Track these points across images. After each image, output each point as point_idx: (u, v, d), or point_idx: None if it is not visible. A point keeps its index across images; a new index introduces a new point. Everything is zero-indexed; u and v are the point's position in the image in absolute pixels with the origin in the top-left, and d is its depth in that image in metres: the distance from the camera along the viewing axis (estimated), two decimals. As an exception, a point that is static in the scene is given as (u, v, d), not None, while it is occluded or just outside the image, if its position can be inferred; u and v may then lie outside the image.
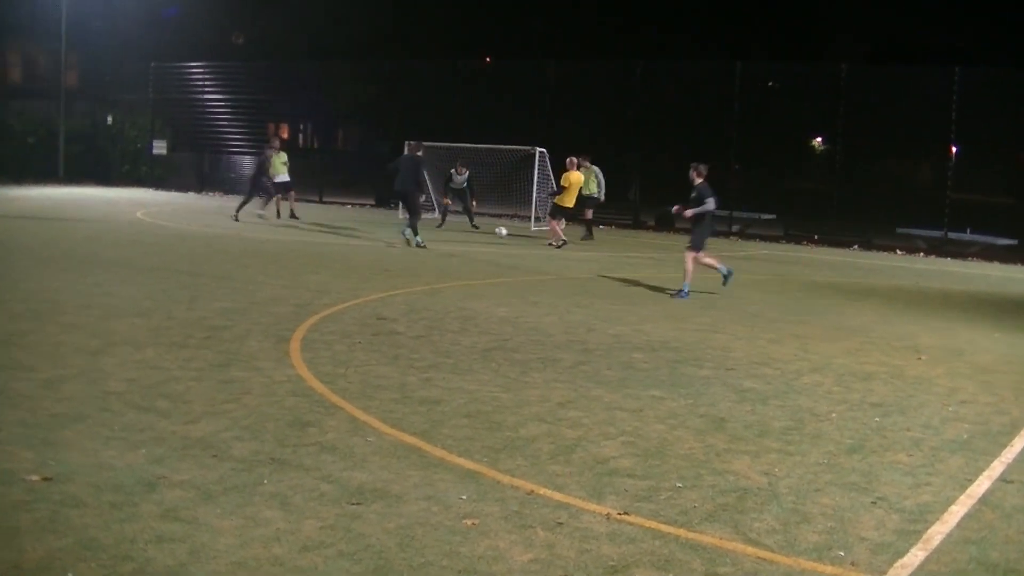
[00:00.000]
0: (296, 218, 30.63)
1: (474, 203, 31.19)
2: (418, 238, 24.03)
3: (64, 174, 44.50)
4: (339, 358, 11.00)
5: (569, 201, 26.38)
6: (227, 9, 56.12)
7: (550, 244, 26.36)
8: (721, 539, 6.25)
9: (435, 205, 34.38)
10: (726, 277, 18.22)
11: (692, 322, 14.86)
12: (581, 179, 26.52)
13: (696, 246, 17.80)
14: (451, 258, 22.11)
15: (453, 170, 30.81)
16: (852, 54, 45.55)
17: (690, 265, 17.65)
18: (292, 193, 30.99)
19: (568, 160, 26.71)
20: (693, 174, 17.65)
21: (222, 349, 11.16)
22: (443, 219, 30.94)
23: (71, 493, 6.43)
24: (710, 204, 17.48)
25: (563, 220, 26.81)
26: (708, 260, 18.13)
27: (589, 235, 29.24)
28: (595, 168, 29.02)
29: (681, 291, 17.51)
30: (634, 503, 6.80)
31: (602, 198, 29.64)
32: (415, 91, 41.32)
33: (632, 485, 7.17)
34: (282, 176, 30.37)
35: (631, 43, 48.27)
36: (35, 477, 6.67)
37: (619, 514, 6.56)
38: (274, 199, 30.45)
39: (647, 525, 6.41)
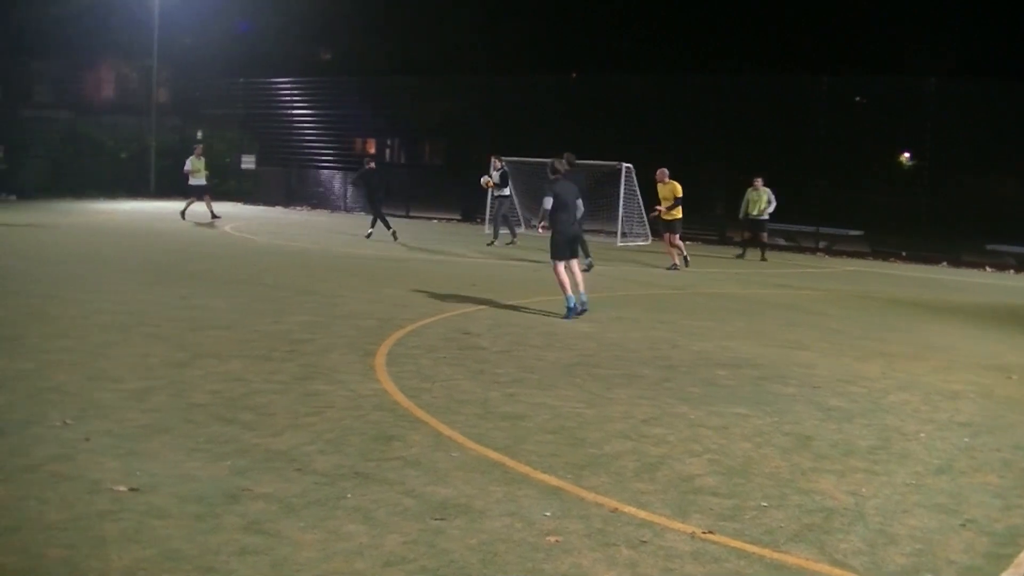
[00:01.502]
0: (217, 217, 32.90)
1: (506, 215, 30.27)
2: (589, 259, 22.98)
3: (155, 188, 45.08)
4: (423, 372, 11.03)
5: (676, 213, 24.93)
6: (314, 25, 56.65)
7: (674, 267, 24.94)
8: (807, 560, 6.18)
9: (520, 220, 34.43)
10: (569, 310, 15.57)
11: (776, 339, 14.73)
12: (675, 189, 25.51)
13: (551, 255, 15.92)
14: (536, 272, 22.08)
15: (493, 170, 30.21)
16: (939, 68, 44.96)
17: (560, 277, 15.75)
18: (207, 196, 33.19)
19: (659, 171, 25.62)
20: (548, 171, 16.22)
21: (306, 362, 11.24)
22: (513, 234, 30.54)
23: (156, 504, 6.51)
24: (545, 203, 15.88)
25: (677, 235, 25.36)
26: (562, 277, 15.80)
27: (762, 256, 28.96)
28: (767, 189, 28.62)
29: (569, 309, 15.57)
30: (719, 522, 6.74)
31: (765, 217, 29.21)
32: (502, 106, 41.35)
33: (717, 504, 7.11)
34: (199, 180, 32.83)
35: (717, 58, 48.09)
36: (122, 487, 6.76)
37: (704, 533, 6.50)
38: (203, 200, 32.99)
39: (732, 544, 6.35)
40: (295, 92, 47.32)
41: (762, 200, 28.36)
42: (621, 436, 8.77)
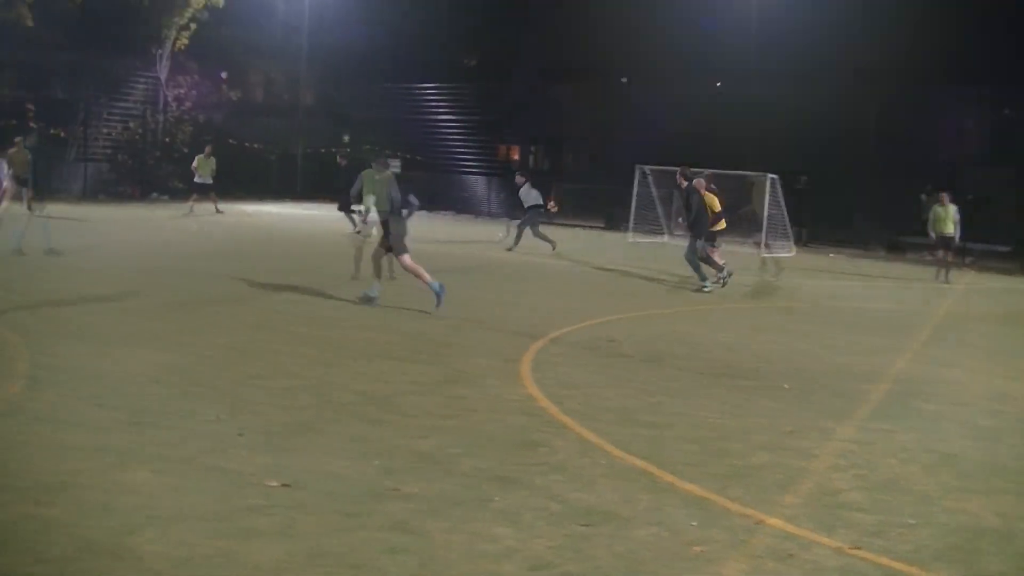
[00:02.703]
0: (220, 212, 34.12)
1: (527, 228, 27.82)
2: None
3: (301, 190, 45.83)
4: (567, 379, 11.08)
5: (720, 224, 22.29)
6: (459, 31, 57.00)
7: (723, 279, 21.29)
8: (954, 579, 6.08)
9: (665, 228, 34.41)
10: (437, 295, 15.29)
11: (922, 355, 14.49)
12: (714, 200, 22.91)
13: (403, 250, 15.90)
14: (678, 284, 21.99)
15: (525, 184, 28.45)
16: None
17: (412, 266, 15.71)
18: (212, 194, 34.48)
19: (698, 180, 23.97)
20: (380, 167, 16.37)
21: (451, 365, 11.36)
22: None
23: (305, 500, 6.66)
24: (413, 200, 15.99)
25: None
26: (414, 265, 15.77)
27: (946, 278, 27.44)
28: (953, 206, 27.32)
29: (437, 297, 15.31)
30: (864, 537, 6.67)
31: (957, 237, 27.89)
32: (645, 114, 41.25)
33: (862, 519, 7.04)
34: (204, 179, 34.22)
35: (855, 70, 47.32)
36: (273, 483, 6.92)
37: (850, 548, 6.44)
38: (208, 197, 34.25)
39: (878, 561, 6.29)
40: (439, 97, 47.76)
41: (950, 216, 27.06)
42: (765, 448, 8.73)
